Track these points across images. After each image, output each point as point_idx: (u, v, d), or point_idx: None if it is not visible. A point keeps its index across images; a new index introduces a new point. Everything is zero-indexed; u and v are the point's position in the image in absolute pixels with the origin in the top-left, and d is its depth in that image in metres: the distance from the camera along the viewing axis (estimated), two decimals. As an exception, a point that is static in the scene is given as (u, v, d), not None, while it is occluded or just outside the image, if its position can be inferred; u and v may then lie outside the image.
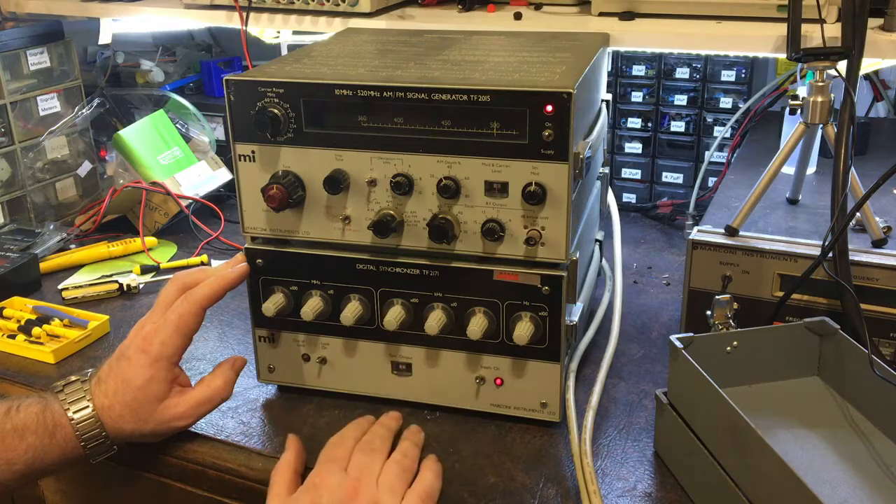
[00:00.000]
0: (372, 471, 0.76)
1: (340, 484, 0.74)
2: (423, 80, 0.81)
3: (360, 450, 0.79)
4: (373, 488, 0.74)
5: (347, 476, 0.75)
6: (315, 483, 0.75)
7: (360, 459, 0.78)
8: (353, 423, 0.85)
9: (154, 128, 1.45)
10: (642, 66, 1.43)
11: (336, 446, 0.80)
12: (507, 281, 0.83)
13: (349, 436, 0.82)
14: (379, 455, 0.79)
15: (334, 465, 0.77)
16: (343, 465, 0.77)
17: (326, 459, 0.78)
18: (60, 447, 0.81)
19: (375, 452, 0.79)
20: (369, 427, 0.84)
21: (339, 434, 0.82)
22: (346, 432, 0.83)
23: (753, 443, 0.66)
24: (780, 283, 0.94)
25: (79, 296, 1.19)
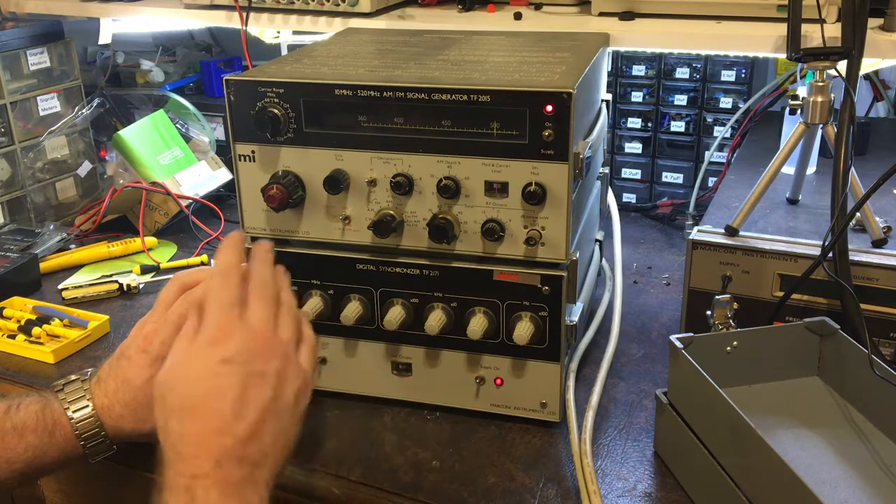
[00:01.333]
0: (271, 323, 0.72)
1: (247, 340, 0.70)
2: (423, 80, 0.81)
3: (256, 298, 0.73)
4: (277, 344, 0.72)
5: (250, 329, 0.71)
6: (218, 336, 0.69)
7: (260, 310, 0.72)
8: (229, 253, 0.75)
9: (154, 128, 1.45)
10: (642, 66, 1.43)
11: (226, 287, 0.73)
12: (507, 281, 0.83)
13: (234, 274, 0.74)
14: (273, 304, 0.74)
15: (234, 314, 0.71)
16: (241, 313, 0.71)
17: (223, 303, 0.71)
18: (60, 446, 0.81)
19: (270, 301, 0.74)
20: (245, 258, 0.77)
21: (223, 271, 0.74)
22: (230, 271, 0.74)
23: (753, 443, 0.66)
24: (780, 283, 0.94)
25: (79, 296, 1.19)
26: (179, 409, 0.68)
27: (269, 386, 0.69)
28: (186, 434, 0.67)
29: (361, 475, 0.82)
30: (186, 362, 0.70)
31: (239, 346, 0.69)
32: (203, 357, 0.69)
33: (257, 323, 0.71)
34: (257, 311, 0.72)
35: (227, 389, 0.67)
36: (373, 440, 0.87)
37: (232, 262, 0.74)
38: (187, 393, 0.68)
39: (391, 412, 0.91)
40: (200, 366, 0.69)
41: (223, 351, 0.68)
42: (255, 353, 0.69)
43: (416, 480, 0.81)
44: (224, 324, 0.70)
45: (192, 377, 0.69)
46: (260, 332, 0.71)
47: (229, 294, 0.72)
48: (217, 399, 0.67)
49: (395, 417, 0.91)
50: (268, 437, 0.68)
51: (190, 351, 0.70)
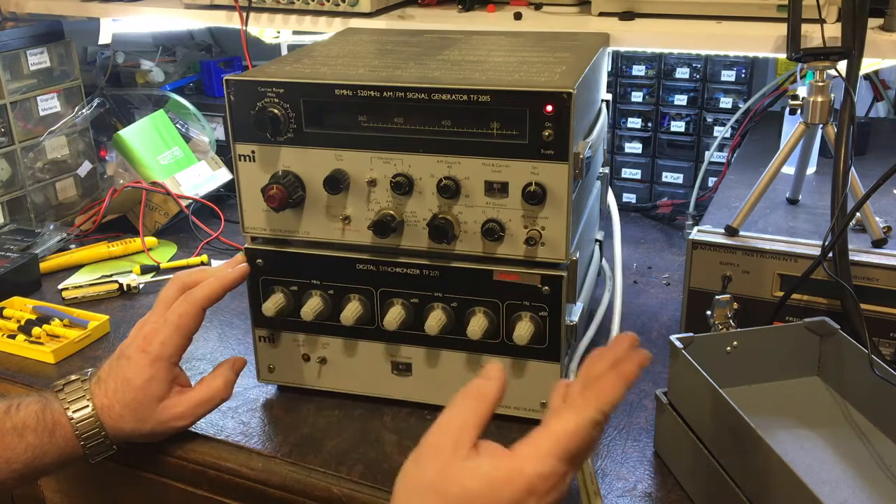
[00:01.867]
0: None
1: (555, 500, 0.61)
2: (423, 80, 0.81)
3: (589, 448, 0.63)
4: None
5: (565, 486, 0.62)
6: (539, 487, 0.60)
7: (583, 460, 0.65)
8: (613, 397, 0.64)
9: (154, 128, 1.45)
10: (642, 66, 1.43)
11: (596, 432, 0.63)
12: (507, 281, 0.83)
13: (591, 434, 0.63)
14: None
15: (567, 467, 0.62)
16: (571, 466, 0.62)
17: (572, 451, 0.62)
18: (60, 446, 0.81)
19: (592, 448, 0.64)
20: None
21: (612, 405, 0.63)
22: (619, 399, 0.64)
23: (753, 443, 0.66)
24: (780, 283, 0.94)
25: (79, 296, 1.19)
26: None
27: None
28: None
29: (361, 475, 0.82)
30: (500, 492, 0.60)
31: (549, 501, 0.60)
32: (516, 500, 0.59)
33: (569, 483, 0.62)
34: (575, 469, 0.63)
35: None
36: (373, 440, 0.87)
37: (622, 395, 0.63)
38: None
39: (391, 412, 0.91)
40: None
41: (534, 502, 0.60)
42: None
43: (416, 480, 0.81)
44: (553, 481, 0.60)
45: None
46: (566, 493, 0.62)
47: (581, 449, 0.62)
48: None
49: (395, 417, 0.91)
50: None
51: (497, 478, 0.60)
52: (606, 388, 0.62)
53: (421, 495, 0.61)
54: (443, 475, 0.60)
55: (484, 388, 0.65)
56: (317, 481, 0.83)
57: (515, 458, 0.61)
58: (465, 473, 0.60)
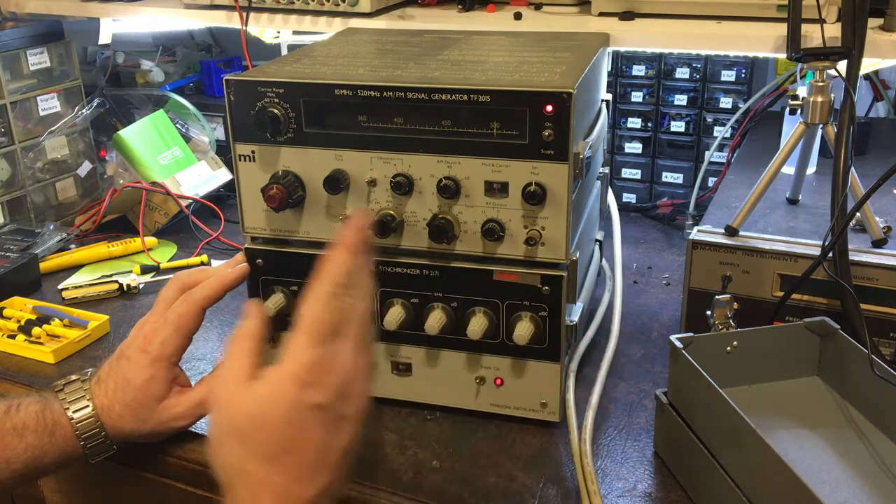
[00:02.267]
0: (360, 355, 0.66)
1: (341, 384, 0.63)
2: (423, 80, 0.81)
3: (353, 325, 0.66)
4: (362, 382, 0.65)
5: (344, 370, 0.64)
6: (312, 379, 0.63)
7: (354, 344, 0.65)
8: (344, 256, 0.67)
9: (154, 128, 1.45)
10: (642, 66, 1.43)
11: (328, 314, 0.65)
12: (507, 281, 0.83)
13: (339, 297, 0.66)
14: (365, 326, 0.67)
15: (331, 351, 0.64)
16: (337, 348, 0.64)
17: (321, 337, 0.64)
18: (60, 447, 0.81)
19: (364, 325, 0.67)
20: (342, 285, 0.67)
21: (331, 288, 0.65)
22: (336, 290, 0.65)
23: (753, 443, 0.66)
24: (780, 283, 0.94)
25: (79, 296, 1.19)
26: (261, 454, 0.62)
27: (349, 431, 0.64)
28: (267, 483, 0.61)
29: (361, 475, 0.82)
30: (275, 402, 0.62)
31: (333, 389, 0.63)
32: (294, 399, 0.62)
33: (350, 360, 0.64)
34: (352, 346, 0.65)
35: (316, 438, 0.62)
36: (373, 440, 0.87)
37: (343, 272, 0.66)
38: (273, 437, 0.62)
39: (391, 412, 0.91)
40: (291, 409, 0.62)
41: (317, 396, 0.62)
42: (344, 396, 0.64)
43: (416, 480, 0.81)
44: (320, 362, 0.63)
45: (281, 421, 0.62)
46: (351, 370, 0.64)
47: (330, 325, 0.64)
48: (303, 447, 0.62)
49: (395, 417, 0.91)
50: (339, 483, 0.64)
51: (277, 389, 0.63)
52: (328, 261, 0.66)
53: (226, 445, 0.63)
54: (231, 416, 0.63)
55: (246, 329, 0.69)
56: (317, 481, 0.82)
57: (278, 366, 0.64)
58: (245, 403, 0.63)
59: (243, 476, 0.62)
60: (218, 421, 0.65)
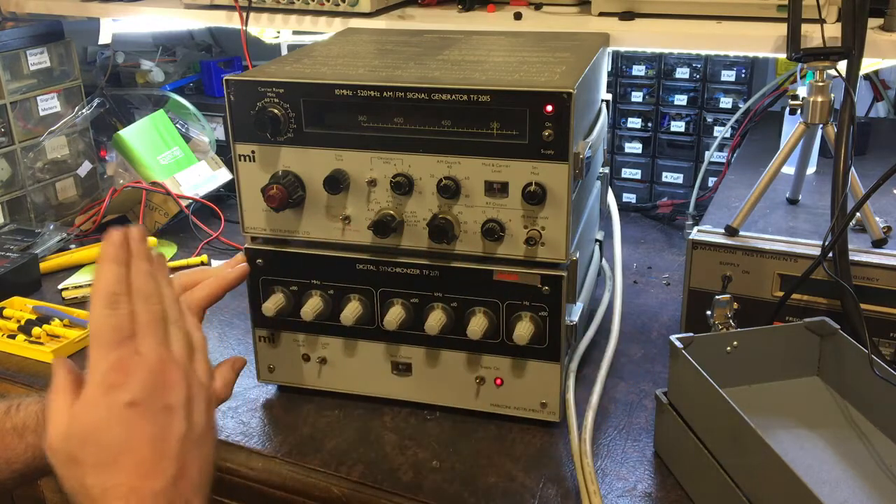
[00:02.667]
0: (165, 347, 0.65)
1: (147, 376, 0.63)
2: (423, 80, 0.81)
3: (145, 322, 0.65)
4: (175, 369, 0.65)
5: (148, 363, 0.63)
6: (115, 379, 0.62)
7: (152, 337, 0.65)
8: (107, 272, 0.66)
9: (154, 128, 1.45)
10: (642, 66, 1.43)
11: (112, 320, 0.64)
12: (507, 281, 0.83)
13: (119, 302, 0.65)
14: (162, 321, 0.67)
15: (127, 350, 0.63)
16: (134, 347, 0.64)
17: (112, 342, 0.63)
18: (59, 447, 0.81)
19: (159, 319, 0.66)
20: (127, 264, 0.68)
21: (105, 299, 0.65)
22: (112, 298, 0.65)
23: (753, 443, 0.66)
24: (780, 283, 0.94)
25: (79, 296, 1.19)
26: (95, 464, 0.61)
27: (181, 417, 0.63)
28: (112, 486, 0.60)
29: (361, 475, 0.82)
30: (89, 414, 0.62)
31: (142, 384, 0.62)
32: (105, 405, 0.62)
33: (152, 353, 0.64)
34: (150, 340, 0.65)
35: (141, 433, 0.61)
36: (373, 440, 0.87)
37: (113, 282, 0.66)
38: (100, 446, 0.61)
39: (391, 412, 0.91)
40: (106, 414, 0.61)
41: (126, 394, 0.62)
42: (159, 387, 0.63)
43: (416, 480, 0.81)
44: (119, 364, 0.63)
45: (101, 428, 0.61)
46: (157, 362, 0.64)
47: (117, 330, 0.64)
48: (135, 445, 0.61)
49: (395, 417, 0.91)
50: (194, 469, 0.63)
51: (89, 402, 0.62)
52: (95, 277, 0.67)
53: (65, 472, 0.62)
54: (61, 443, 0.62)
55: (54, 382, 0.66)
56: (317, 481, 0.83)
57: (85, 384, 0.64)
58: (66, 426, 0.63)
59: (87, 492, 0.61)
60: (57, 461, 0.63)
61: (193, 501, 0.62)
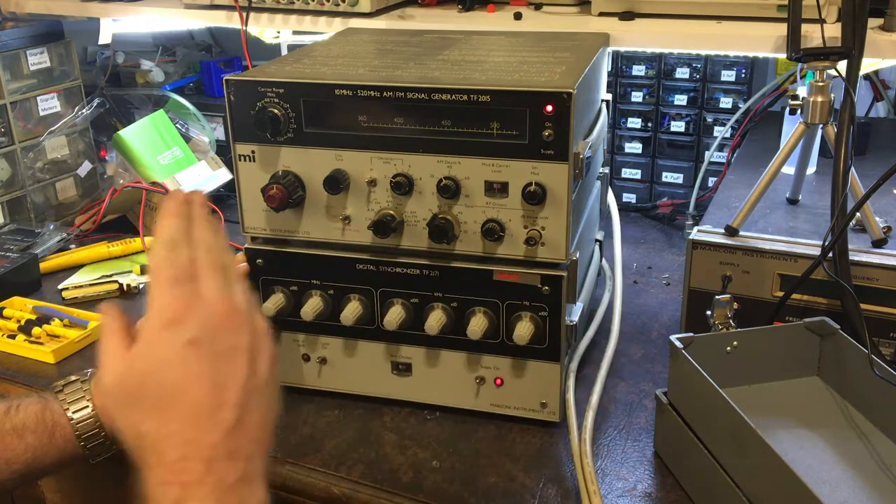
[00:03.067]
0: (228, 292, 0.63)
1: (209, 315, 0.61)
2: (423, 80, 0.81)
3: (207, 268, 0.63)
4: (240, 314, 0.63)
5: (209, 303, 0.61)
6: (175, 316, 0.60)
7: (214, 281, 0.63)
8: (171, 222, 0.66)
9: (154, 128, 1.45)
10: (642, 66, 1.43)
11: (175, 261, 0.63)
12: (507, 281, 0.83)
13: (181, 245, 0.64)
14: (223, 270, 0.64)
15: (188, 289, 0.62)
16: (194, 287, 0.62)
17: (174, 279, 0.62)
18: (60, 447, 0.81)
19: (220, 268, 0.64)
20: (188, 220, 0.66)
21: (168, 242, 0.64)
22: (175, 242, 0.64)
23: (753, 443, 0.66)
24: (780, 283, 0.94)
25: (79, 296, 1.19)
26: (152, 407, 0.58)
27: (244, 362, 0.60)
28: (167, 435, 0.57)
29: (361, 475, 0.82)
30: (147, 353, 0.60)
31: (203, 322, 0.60)
32: (164, 342, 0.59)
33: (214, 295, 0.62)
34: (212, 283, 0.62)
35: (200, 375, 0.58)
36: (373, 440, 0.87)
37: (175, 230, 0.65)
38: (158, 386, 0.58)
39: (391, 412, 0.91)
40: (165, 352, 0.59)
41: (186, 331, 0.59)
42: (221, 327, 0.61)
43: (416, 480, 0.81)
44: (180, 299, 0.61)
45: (160, 367, 0.59)
46: (219, 304, 0.61)
47: (178, 268, 0.62)
48: (193, 388, 0.58)
49: (395, 417, 0.91)
50: (254, 420, 0.60)
51: (147, 341, 0.60)
52: (157, 230, 0.65)
53: (122, 419, 0.60)
54: (117, 386, 0.61)
55: (106, 321, 0.65)
56: (317, 481, 0.83)
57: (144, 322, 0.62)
58: (124, 367, 0.61)
59: (143, 440, 0.58)
60: (111, 405, 0.62)
61: (254, 458, 0.59)
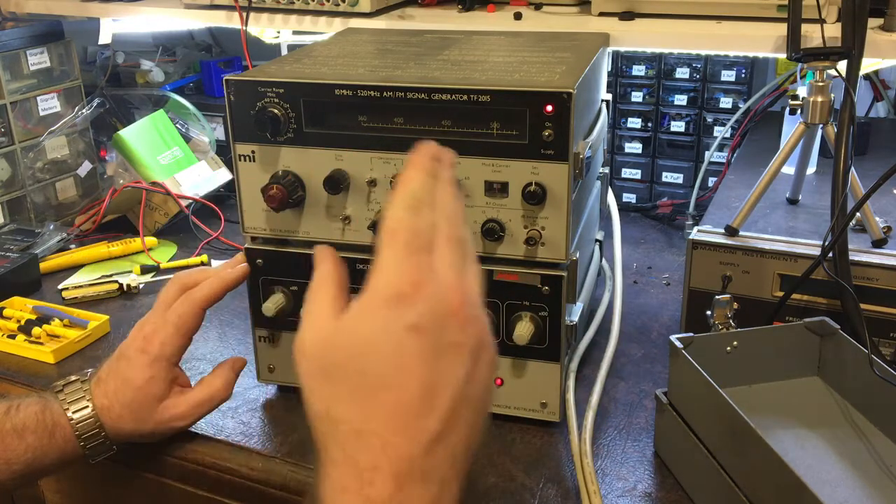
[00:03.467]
0: (463, 273, 0.52)
1: (441, 298, 0.50)
2: (423, 80, 0.81)
3: (446, 237, 0.53)
4: (472, 303, 0.51)
5: (442, 284, 0.50)
6: (405, 291, 0.49)
7: (451, 255, 0.52)
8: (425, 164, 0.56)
9: (154, 128, 1.45)
10: (642, 66, 1.43)
11: (417, 222, 0.52)
12: (507, 281, 0.83)
13: (426, 204, 0.53)
14: (461, 244, 0.54)
15: (424, 261, 0.51)
16: (429, 259, 0.51)
17: (412, 245, 0.51)
18: (60, 447, 0.81)
19: (459, 241, 0.53)
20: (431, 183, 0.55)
21: (413, 200, 0.53)
22: (420, 201, 0.53)
23: (753, 443, 0.66)
24: (780, 283, 0.94)
25: (79, 296, 1.19)
26: (353, 391, 0.49)
27: (463, 363, 0.50)
28: (365, 432, 0.48)
29: (361, 475, 0.82)
30: (363, 324, 0.50)
31: (431, 307, 0.49)
32: (384, 318, 0.49)
33: (450, 276, 0.51)
34: (448, 260, 0.51)
35: (413, 369, 0.48)
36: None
37: (421, 189, 0.54)
38: (365, 367, 0.49)
39: (391, 412, 0.91)
40: (382, 331, 0.49)
41: (411, 313, 0.49)
42: (449, 317, 0.50)
43: (416, 480, 0.81)
44: (410, 276, 0.50)
45: (373, 345, 0.49)
46: (454, 288, 0.50)
47: (416, 234, 0.52)
48: (403, 381, 0.48)
49: (395, 417, 0.91)
50: (458, 437, 0.49)
51: (366, 309, 0.50)
52: (400, 182, 0.55)
53: (313, 392, 0.52)
54: (315, 356, 0.52)
55: (320, 275, 0.56)
56: (317, 481, 0.82)
57: (364, 289, 0.51)
58: (329, 336, 0.52)
59: (334, 426, 0.49)
60: (305, 370, 0.52)
61: (449, 485, 0.49)
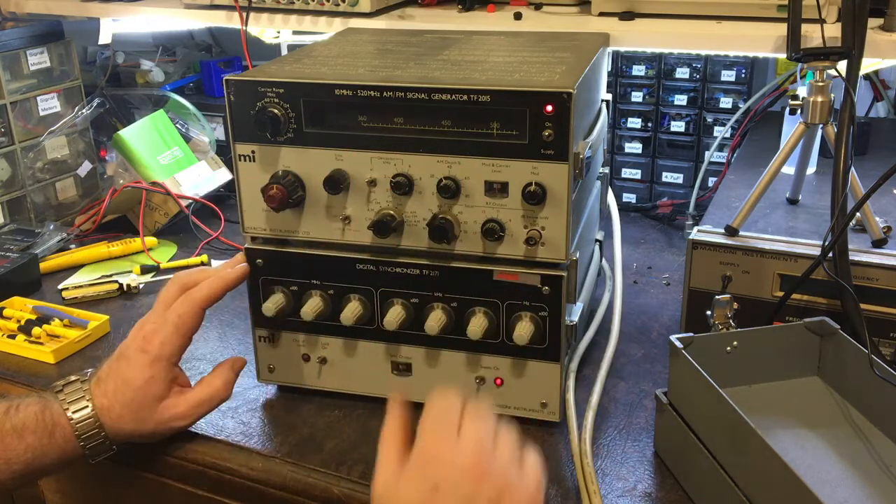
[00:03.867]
0: (489, 442, 0.66)
1: (460, 463, 0.64)
2: (423, 80, 0.81)
3: (471, 416, 0.68)
4: (493, 464, 0.65)
5: (464, 450, 0.65)
6: (432, 458, 0.65)
7: (476, 428, 0.67)
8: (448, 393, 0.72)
9: (154, 128, 1.45)
10: (642, 66, 1.43)
11: (447, 409, 0.68)
12: (507, 281, 0.83)
13: (455, 396, 0.70)
14: (490, 421, 0.68)
15: (451, 434, 0.66)
16: (454, 432, 0.66)
17: (440, 423, 0.67)
18: (60, 447, 0.81)
19: (486, 419, 0.68)
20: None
21: (443, 395, 0.70)
22: (451, 394, 0.70)
23: (753, 443, 0.66)
24: (780, 283, 0.94)
25: (79, 296, 1.19)
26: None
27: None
28: None
29: (361, 475, 0.82)
30: (406, 488, 0.64)
31: (451, 469, 0.63)
32: (416, 481, 0.64)
33: (472, 442, 0.65)
34: (472, 430, 0.66)
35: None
36: (373, 440, 0.87)
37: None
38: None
39: (391, 412, 0.91)
40: (413, 492, 0.63)
41: (436, 476, 0.63)
42: (466, 475, 0.63)
43: (416, 480, 0.81)
44: (438, 446, 0.65)
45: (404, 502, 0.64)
46: (474, 452, 0.64)
47: (448, 415, 0.67)
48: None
49: (395, 417, 0.91)
50: None
51: (402, 473, 0.65)
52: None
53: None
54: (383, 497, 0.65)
55: (392, 423, 0.70)
56: (317, 481, 0.83)
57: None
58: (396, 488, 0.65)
59: None
60: (376, 496, 0.65)
61: None
